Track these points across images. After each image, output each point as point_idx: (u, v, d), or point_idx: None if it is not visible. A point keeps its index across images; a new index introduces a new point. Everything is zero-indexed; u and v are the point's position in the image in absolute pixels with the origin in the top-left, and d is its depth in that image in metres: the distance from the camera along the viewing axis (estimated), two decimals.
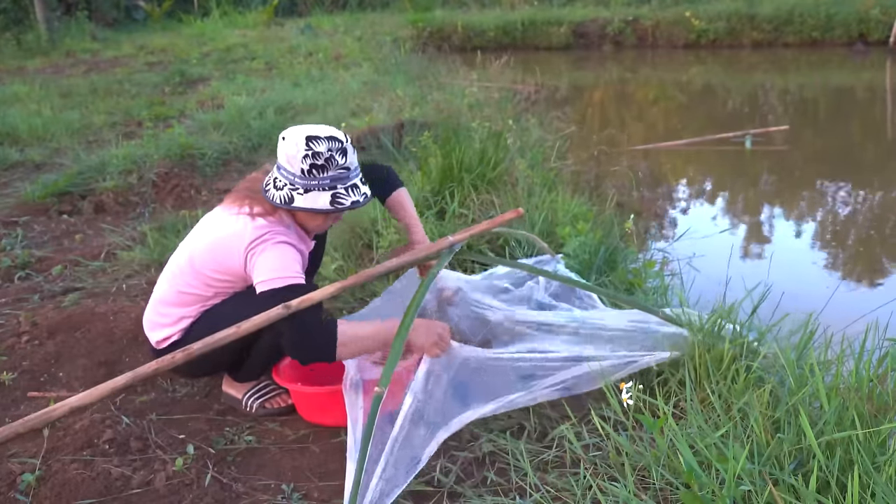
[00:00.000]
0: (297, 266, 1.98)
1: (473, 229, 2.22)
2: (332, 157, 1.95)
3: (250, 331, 1.86)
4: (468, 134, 4.27)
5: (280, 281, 1.92)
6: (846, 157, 6.73)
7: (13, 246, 3.73)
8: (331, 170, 1.96)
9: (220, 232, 2.05)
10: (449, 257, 2.16)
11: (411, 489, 1.81)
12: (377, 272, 2.07)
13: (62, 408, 1.67)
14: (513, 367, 2.04)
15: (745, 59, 12.54)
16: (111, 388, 1.71)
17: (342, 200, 1.98)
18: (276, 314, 1.84)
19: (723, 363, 2.06)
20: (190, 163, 5.06)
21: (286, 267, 1.95)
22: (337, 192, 1.98)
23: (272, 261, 1.94)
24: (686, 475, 1.58)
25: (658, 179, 5.95)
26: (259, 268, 1.94)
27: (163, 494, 1.85)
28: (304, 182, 1.96)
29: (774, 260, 4.38)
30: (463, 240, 2.17)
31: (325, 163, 1.94)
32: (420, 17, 14.51)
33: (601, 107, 9.75)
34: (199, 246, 2.08)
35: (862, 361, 1.86)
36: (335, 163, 1.96)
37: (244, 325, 1.85)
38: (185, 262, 2.08)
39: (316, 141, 1.94)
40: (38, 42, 12.51)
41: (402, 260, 2.09)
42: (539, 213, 3.43)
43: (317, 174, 1.95)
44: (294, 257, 1.98)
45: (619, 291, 2.77)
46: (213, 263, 2.03)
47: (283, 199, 1.98)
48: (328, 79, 8.33)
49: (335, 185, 1.97)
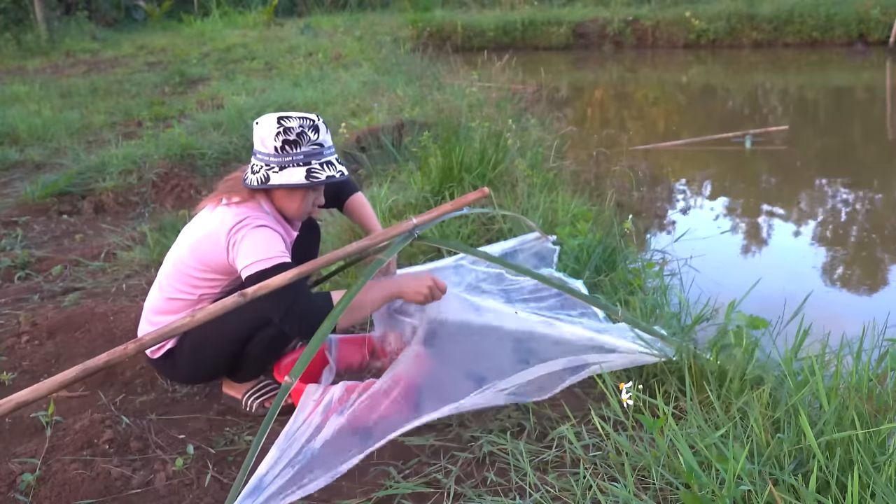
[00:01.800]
0: (281, 245, 1.97)
1: (436, 211, 2.15)
2: (304, 133, 1.98)
3: (205, 320, 1.80)
4: (468, 134, 4.27)
5: (266, 262, 1.91)
6: (846, 157, 6.74)
7: (13, 246, 3.73)
8: (303, 145, 1.98)
9: (200, 230, 2.06)
10: (408, 241, 2.12)
11: (412, 489, 1.81)
12: (336, 256, 2.02)
13: (8, 403, 1.61)
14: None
15: (745, 59, 12.55)
16: (60, 382, 1.64)
17: (317, 175, 1.99)
18: (233, 302, 1.80)
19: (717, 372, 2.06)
20: (190, 163, 5.07)
21: (270, 248, 1.94)
22: (312, 168, 1.99)
23: (255, 244, 1.94)
24: (686, 475, 1.58)
25: (658, 179, 5.95)
26: (242, 253, 1.94)
27: (163, 494, 1.85)
28: (278, 160, 1.98)
29: (774, 260, 4.40)
30: (425, 223, 2.11)
31: (297, 138, 1.97)
32: (420, 17, 14.52)
33: (601, 107, 9.75)
34: (181, 248, 2.09)
35: (861, 361, 1.86)
36: (307, 138, 1.98)
37: (198, 315, 1.79)
38: (171, 268, 2.09)
39: (287, 119, 1.97)
40: (38, 42, 12.52)
41: (361, 244, 2.04)
42: (539, 213, 3.43)
43: (290, 150, 1.97)
44: (276, 238, 1.98)
45: (619, 291, 2.77)
46: (196, 262, 2.03)
47: (259, 181, 2.00)
48: (328, 79, 8.34)
49: (309, 160, 1.99)
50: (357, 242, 2.05)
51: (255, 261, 1.91)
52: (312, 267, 1.95)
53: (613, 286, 2.81)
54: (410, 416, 1.92)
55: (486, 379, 2.03)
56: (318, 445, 1.78)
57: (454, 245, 2.32)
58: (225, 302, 1.80)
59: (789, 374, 1.93)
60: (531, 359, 2.07)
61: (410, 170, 4.31)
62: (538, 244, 2.85)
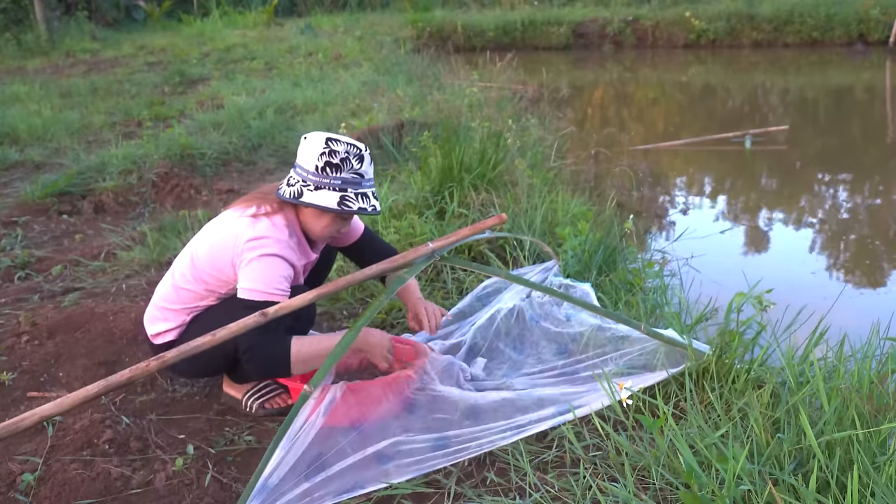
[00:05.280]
0: (284, 283, 1.98)
1: (454, 236, 2.14)
2: (348, 159, 1.98)
3: (226, 338, 1.83)
4: (468, 134, 4.27)
5: (260, 294, 1.94)
6: (846, 156, 6.73)
7: (13, 246, 3.73)
8: (344, 171, 1.98)
9: (221, 232, 2.07)
10: (430, 261, 2.13)
11: (411, 489, 1.81)
12: (355, 279, 2.04)
13: (32, 417, 1.63)
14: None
15: (745, 59, 12.55)
16: (83, 397, 1.67)
17: (350, 204, 1.99)
18: (254, 321, 1.82)
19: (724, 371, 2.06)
20: (190, 163, 5.07)
21: (270, 281, 1.95)
22: (346, 196, 1.99)
23: (259, 271, 1.95)
24: (686, 475, 1.58)
25: (658, 179, 5.94)
26: (245, 274, 1.97)
27: (163, 494, 1.85)
28: (316, 179, 1.98)
29: (774, 260, 4.40)
30: (443, 247, 2.11)
31: (339, 162, 1.97)
32: (420, 17, 14.52)
33: (601, 107, 9.75)
34: (200, 244, 2.11)
35: (862, 361, 1.86)
36: (350, 165, 1.98)
37: (220, 333, 1.81)
38: (187, 260, 2.12)
39: (335, 142, 1.97)
40: (38, 42, 12.52)
41: (381, 266, 2.06)
42: (539, 213, 3.43)
43: (330, 172, 1.97)
44: (282, 271, 1.98)
45: (620, 291, 2.77)
46: (210, 261, 2.05)
47: (292, 194, 2.00)
48: (328, 79, 8.34)
49: (346, 187, 1.99)
50: (377, 265, 2.05)
51: (251, 288, 1.95)
52: (332, 289, 1.98)
53: (614, 286, 2.81)
54: (438, 457, 1.91)
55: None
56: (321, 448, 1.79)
57: (477, 267, 2.33)
58: (246, 321, 1.83)
59: (792, 375, 1.93)
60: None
61: (410, 170, 4.31)
62: (554, 267, 2.85)
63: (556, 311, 2.48)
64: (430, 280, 3.07)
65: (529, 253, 3.14)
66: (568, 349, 2.33)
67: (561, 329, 2.38)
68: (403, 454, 1.89)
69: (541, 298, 2.51)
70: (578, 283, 2.64)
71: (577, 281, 2.70)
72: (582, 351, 2.28)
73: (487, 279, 2.78)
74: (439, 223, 3.45)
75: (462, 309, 2.67)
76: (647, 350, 2.18)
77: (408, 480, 1.83)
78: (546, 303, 2.50)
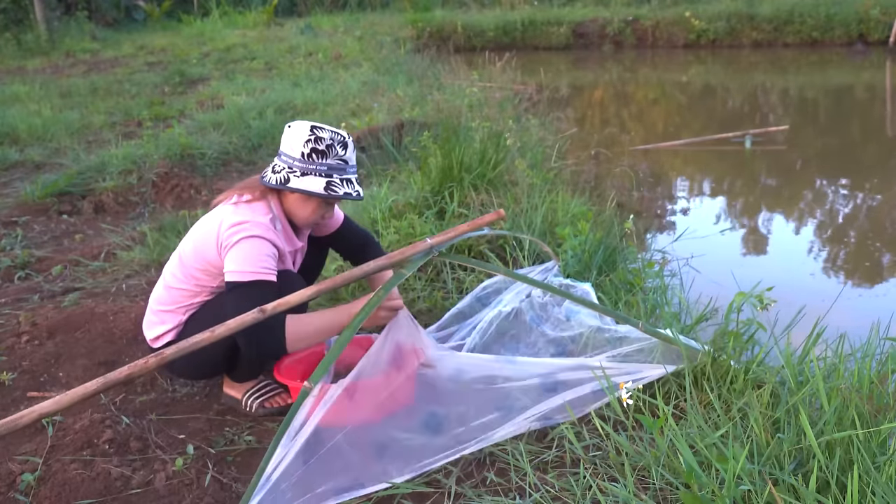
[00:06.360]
0: (270, 261, 1.98)
1: (452, 231, 2.14)
2: (333, 146, 2.01)
3: (224, 335, 1.80)
4: (468, 134, 4.27)
5: (248, 275, 1.93)
6: (846, 156, 6.73)
7: (13, 246, 3.73)
8: (330, 157, 2.01)
9: (203, 225, 2.10)
10: (428, 256, 2.13)
11: (411, 489, 1.81)
12: (354, 276, 2.04)
13: (31, 414, 1.63)
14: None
15: (745, 59, 12.55)
16: (82, 394, 1.66)
17: (335, 189, 2.02)
18: (252, 318, 1.81)
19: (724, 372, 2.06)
20: (190, 163, 5.07)
21: (256, 261, 1.95)
22: (332, 181, 2.03)
23: (244, 253, 1.95)
24: (686, 475, 1.58)
25: (658, 179, 5.94)
26: (230, 258, 1.96)
27: (163, 494, 1.85)
28: (302, 165, 2.01)
29: (774, 260, 4.40)
30: (441, 243, 2.11)
31: (325, 149, 2.00)
32: (420, 17, 14.52)
33: (601, 107, 9.75)
34: (186, 243, 2.13)
35: (862, 361, 1.86)
36: (335, 152, 2.02)
37: (218, 330, 1.80)
38: (175, 260, 2.13)
39: (320, 129, 2.01)
40: (38, 42, 12.52)
41: (379, 263, 2.06)
42: (539, 214, 3.43)
43: (316, 159, 2.00)
44: (266, 251, 1.98)
45: (619, 291, 2.77)
46: (195, 255, 2.06)
47: (279, 181, 2.03)
48: (328, 79, 8.34)
49: (331, 173, 2.02)
50: (375, 261, 2.04)
51: (238, 270, 1.94)
52: (330, 285, 1.98)
53: (614, 286, 2.81)
54: (442, 452, 1.92)
55: (513, 409, 2.02)
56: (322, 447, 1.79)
57: (477, 263, 2.32)
58: (244, 317, 1.82)
59: (792, 375, 1.93)
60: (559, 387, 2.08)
61: (410, 170, 4.31)
62: (553, 267, 2.85)
63: (556, 311, 2.48)
64: (430, 280, 3.07)
65: (529, 253, 3.14)
66: (567, 350, 2.33)
67: (561, 333, 2.38)
68: (402, 449, 1.89)
69: (541, 299, 2.51)
70: (579, 283, 2.64)
71: (577, 281, 2.69)
72: (581, 352, 2.28)
73: (488, 279, 2.78)
74: (439, 223, 3.45)
75: (462, 309, 2.66)
76: (646, 350, 2.18)
77: (408, 480, 1.83)
78: (547, 303, 2.50)
